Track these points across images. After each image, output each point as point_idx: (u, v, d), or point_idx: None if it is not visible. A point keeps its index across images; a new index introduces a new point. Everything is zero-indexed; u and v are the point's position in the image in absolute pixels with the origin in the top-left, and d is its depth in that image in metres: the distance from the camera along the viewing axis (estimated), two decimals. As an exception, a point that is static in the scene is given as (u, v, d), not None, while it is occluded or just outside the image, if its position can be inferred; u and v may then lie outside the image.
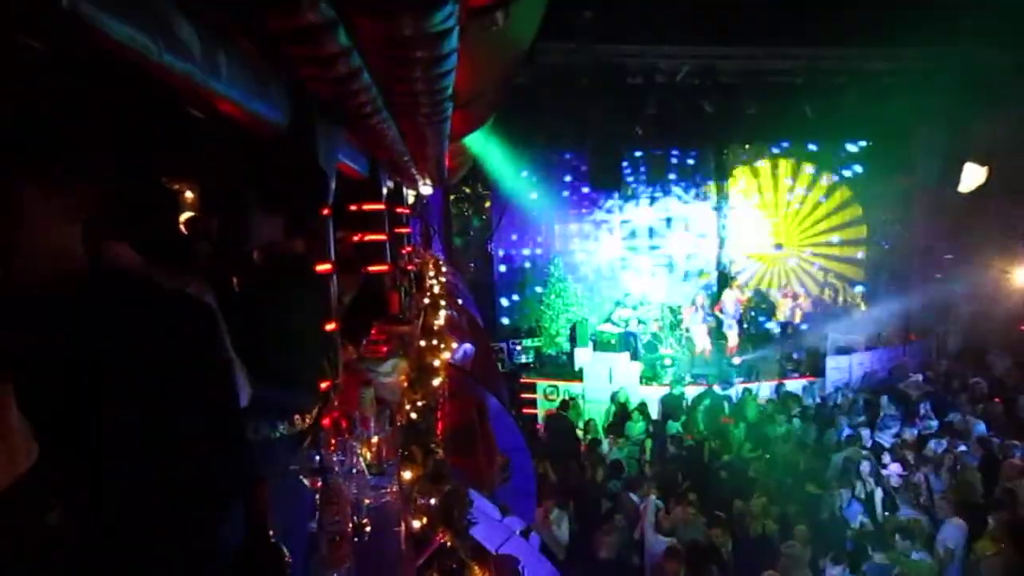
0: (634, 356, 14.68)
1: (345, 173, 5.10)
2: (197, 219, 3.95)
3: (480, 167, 15.22)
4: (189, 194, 5.34)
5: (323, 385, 3.24)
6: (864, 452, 9.07)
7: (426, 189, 10.27)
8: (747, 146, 17.64)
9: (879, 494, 8.08)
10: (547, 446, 10.75)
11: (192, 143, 3.27)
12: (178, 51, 1.98)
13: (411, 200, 10.48)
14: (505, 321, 17.45)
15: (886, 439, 9.76)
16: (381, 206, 6.45)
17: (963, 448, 8.72)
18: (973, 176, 13.52)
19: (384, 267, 6.24)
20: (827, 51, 12.67)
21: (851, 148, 17.27)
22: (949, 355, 14.82)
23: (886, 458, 9.08)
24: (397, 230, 7.97)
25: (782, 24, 11.11)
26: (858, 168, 17.32)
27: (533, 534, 3.56)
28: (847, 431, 10.11)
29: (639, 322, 15.76)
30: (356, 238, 5.97)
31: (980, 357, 13.49)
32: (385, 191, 6.98)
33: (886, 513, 7.83)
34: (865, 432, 10.03)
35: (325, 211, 3.76)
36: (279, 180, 3.46)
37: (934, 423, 10.31)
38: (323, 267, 3.77)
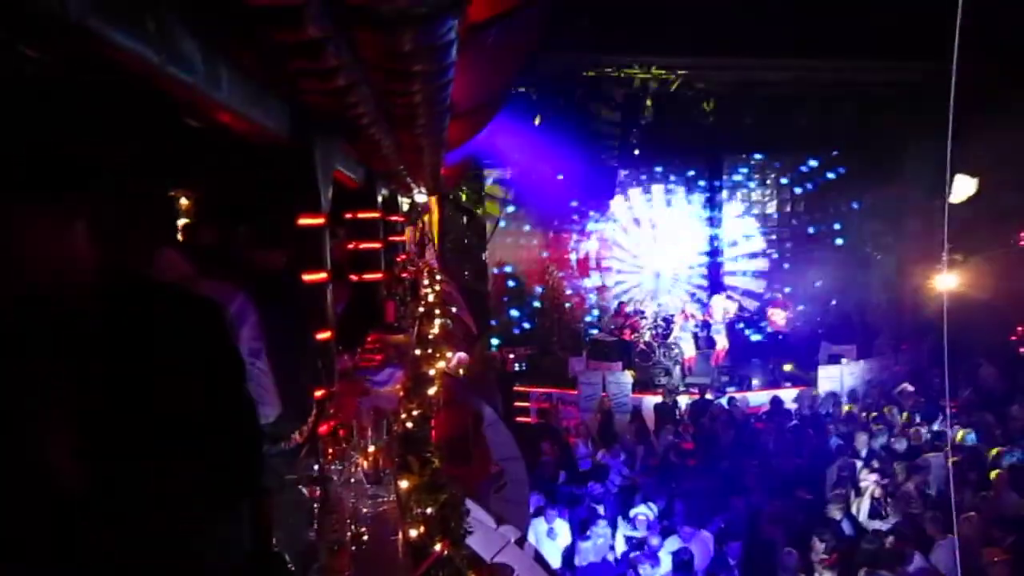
0: (627, 365, 14.72)
1: (341, 182, 5.12)
2: (193, 227, 3.97)
3: (476, 175, 15.26)
4: (184, 201, 5.35)
5: (318, 394, 3.26)
6: (853, 461, 9.11)
7: (421, 197, 10.29)
8: (742, 156, 17.77)
9: (866, 504, 8.10)
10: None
11: (191, 152, 3.30)
12: (181, 63, 2.01)
13: (406, 208, 10.50)
14: (498, 329, 17.46)
15: (876, 448, 9.78)
16: (376, 214, 6.47)
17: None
18: (964, 187, 13.64)
19: (379, 275, 6.26)
20: (821, 63, 12.81)
21: (844, 159, 17.39)
22: (939, 364, 14.85)
23: (875, 468, 9.10)
24: (392, 238, 7.99)
25: (776, 36, 11.22)
26: (851, 179, 17.44)
27: (528, 543, 3.57)
28: (838, 440, 10.15)
29: (632, 330, 15.79)
30: (351, 246, 5.99)
31: (970, 367, 13.56)
32: (380, 199, 7.00)
33: (874, 523, 7.86)
34: (856, 441, 10.06)
35: (321, 220, 3.78)
36: (276, 189, 3.48)
37: (925, 432, 10.35)
38: (318, 276, 3.79)
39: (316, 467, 2.17)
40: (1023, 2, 10.17)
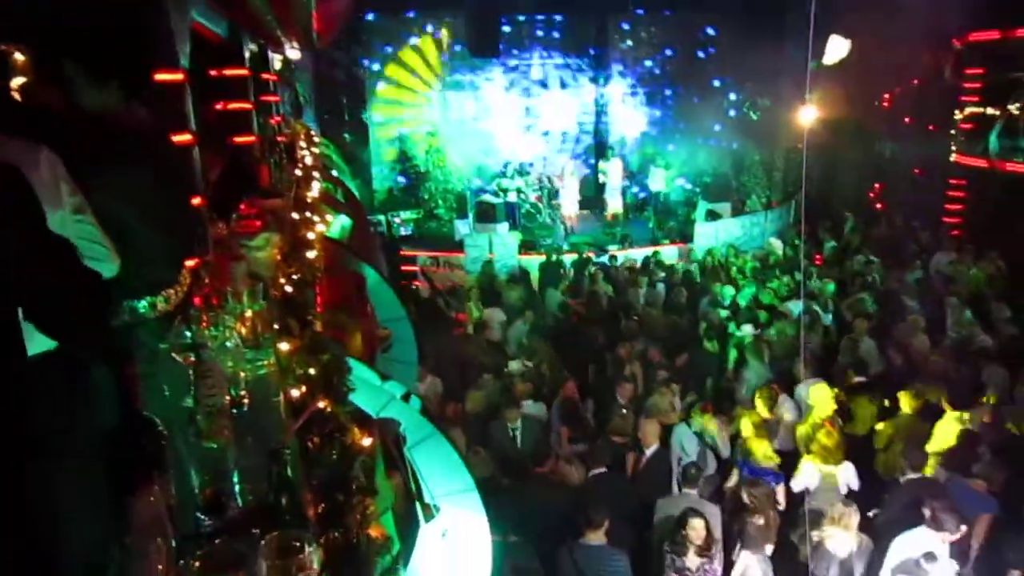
0: (513, 226, 14.90)
1: (201, 34, 4.72)
2: (32, 86, 3.61)
3: (354, 31, 14.44)
4: (19, 57, 4.83)
5: (190, 263, 3.13)
6: (724, 314, 9.76)
7: (294, 54, 9.67)
8: (628, 18, 17.57)
9: (733, 353, 8.77)
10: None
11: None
12: None
13: (278, 66, 9.85)
14: (382, 193, 17.17)
15: (743, 301, 10.50)
16: (244, 72, 6.05)
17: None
18: (837, 48, 14.09)
19: (251, 138, 5.93)
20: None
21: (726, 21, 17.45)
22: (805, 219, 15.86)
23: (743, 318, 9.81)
24: (263, 98, 7.52)
25: None
26: (733, 39, 17.58)
27: (414, 397, 3.70)
28: (711, 295, 10.79)
29: (518, 192, 15.86)
30: (219, 107, 5.61)
31: (835, 221, 14.54)
32: (248, 55, 6.53)
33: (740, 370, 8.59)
34: (724, 293, 10.74)
35: (179, 76, 3.49)
36: (123, 40, 3.18)
37: (787, 281, 11.17)
38: (181, 138, 3.55)
39: (189, 335, 2.12)
40: None
